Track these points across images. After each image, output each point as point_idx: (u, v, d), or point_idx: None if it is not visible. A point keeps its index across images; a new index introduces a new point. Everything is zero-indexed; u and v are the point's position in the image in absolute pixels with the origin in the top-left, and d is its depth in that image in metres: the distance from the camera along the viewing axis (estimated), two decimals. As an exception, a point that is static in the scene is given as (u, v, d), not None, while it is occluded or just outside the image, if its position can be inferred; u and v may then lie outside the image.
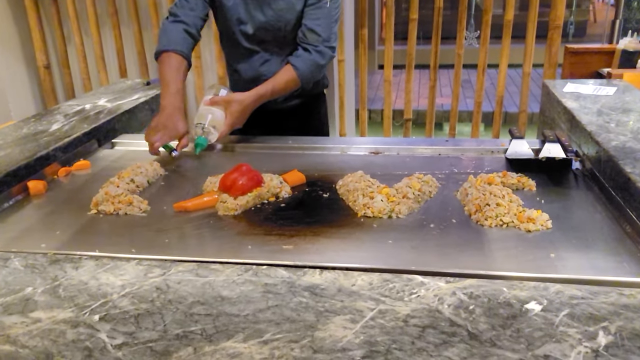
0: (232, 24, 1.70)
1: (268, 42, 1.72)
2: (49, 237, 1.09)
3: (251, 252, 1.01)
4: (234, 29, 1.71)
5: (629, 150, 1.25)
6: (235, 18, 1.69)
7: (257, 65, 1.75)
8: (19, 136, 1.56)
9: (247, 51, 1.74)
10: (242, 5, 1.67)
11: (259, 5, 1.66)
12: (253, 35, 1.70)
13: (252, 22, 1.68)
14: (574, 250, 0.98)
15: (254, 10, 1.67)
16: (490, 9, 2.73)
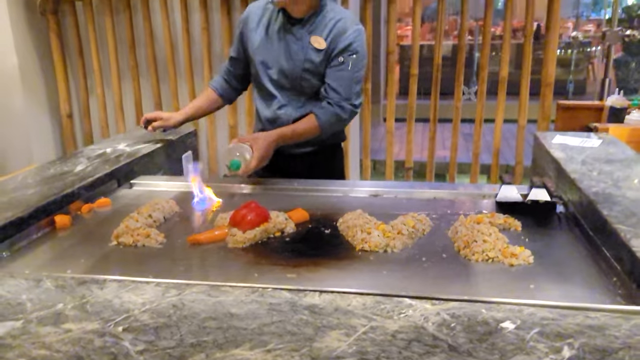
0: (257, 65, 1.89)
1: (287, 89, 1.87)
2: (74, 265, 1.20)
3: (258, 279, 1.11)
4: (258, 70, 1.89)
5: (608, 196, 1.35)
6: (260, 60, 1.87)
7: (275, 108, 1.90)
8: (46, 176, 1.69)
9: (267, 93, 1.90)
10: (267, 49, 1.85)
11: (282, 52, 1.83)
12: (274, 79, 1.87)
13: (275, 67, 1.85)
14: (552, 283, 1.08)
15: (277, 57, 1.83)
16: (486, 67, 2.91)
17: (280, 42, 1.83)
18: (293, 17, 1.79)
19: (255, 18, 1.89)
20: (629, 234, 1.11)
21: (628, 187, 1.40)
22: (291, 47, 1.81)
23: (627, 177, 1.49)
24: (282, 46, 1.82)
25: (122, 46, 3.19)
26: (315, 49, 1.79)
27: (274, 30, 1.84)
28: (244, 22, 1.92)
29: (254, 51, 1.88)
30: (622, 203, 1.29)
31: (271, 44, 1.84)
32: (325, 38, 1.78)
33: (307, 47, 1.79)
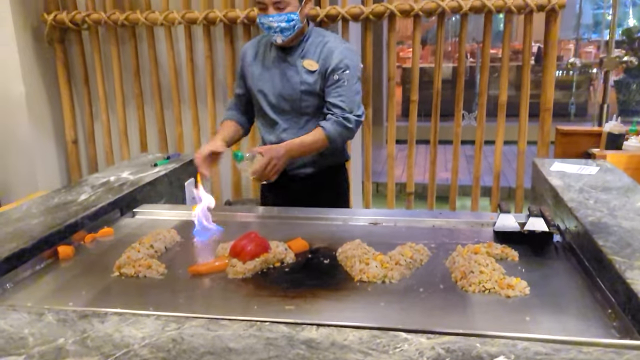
0: (257, 94, 2.04)
1: (287, 112, 2.00)
2: (76, 296, 1.22)
3: (257, 312, 1.12)
4: (258, 99, 2.04)
5: (604, 226, 1.37)
6: (259, 89, 2.02)
7: (278, 132, 2.02)
8: (51, 205, 1.72)
9: (269, 119, 2.04)
10: (265, 78, 2.00)
11: (279, 78, 1.98)
12: (273, 104, 2.00)
13: (273, 93, 1.99)
14: (548, 315, 1.09)
15: (275, 83, 1.99)
16: (485, 92, 2.95)
17: (276, 70, 1.99)
18: (285, 46, 1.96)
19: (251, 53, 2.08)
20: (623, 266, 1.13)
21: (623, 216, 1.42)
22: (286, 72, 1.97)
23: (623, 206, 1.51)
24: (278, 73, 1.98)
25: (127, 74, 3.25)
26: (309, 71, 1.94)
27: (270, 60, 2.02)
28: (242, 59, 2.10)
29: (254, 82, 2.04)
30: (618, 233, 1.30)
31: (268, 72, 2.01)
32: (316, 60, 1.94)
33: (301, 70, 1.95)
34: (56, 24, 3.10)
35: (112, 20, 3.05)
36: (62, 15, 3.07)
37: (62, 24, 3.10)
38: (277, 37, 1.90)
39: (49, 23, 3.09)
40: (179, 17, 2.98)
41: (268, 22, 1.87)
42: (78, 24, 3.10)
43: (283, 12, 1.85)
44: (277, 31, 1.88)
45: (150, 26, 3.09)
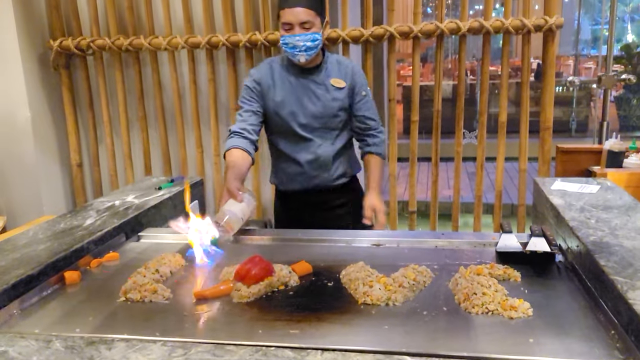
0: (286, 117, 2.08)
1: (318, 129, 2.10)
2: (83, 323, 1.23)
3: (262, 336, 1.13)
4: (288, 121, 2.08)
5: (605, 245, 1.38)
6: (289, 111, 2.07)
7: (314, 149, 2.11)
8: (57, 230, 1.74)
9: (300, 138, 2.10)
10: (292, 100, 2.07)
11: (309, 98, 2.07)
12: (304, 124, 2.08)
13: (303, 113, 2.07)
14: (552, 336, 1.09)
15: (305, 103, 2.07)
16: (485, 112, 2.97)
17: (304, 90, 2.07)
18: (307, 67, 2.07)
19: (267, 77, 2.11)
20: (625, 286, 1.14)
21: (624, 235, 1.43)
22: (315, 91, 2.07)
23: (624, 225, 1.52)
24: (307, 93, 2.07)
25: (131, 98, 3.29)
26: (338, 88, 2.08)
27: (292, 82, 2.08)
28: (258, 83, 2.10)
29: (278, 105, 2.08)
30: (619, 253, 1.31)
31: (295, 94, 2.07)
32: (342, 78, 2.09)
33: (330, 88, 2.08)
34: (62, 49, 3.16)
35: (116, 46, 3.10)
36: (68, 41, 3.13)
37: (68, 50, 3.16)
38: (300, 56, 1.98)
39: (54, 49, 3.14)
40: (182, 42, 3.03)
41: (294, 41, 1.95)
42: (83, 50, 3.16)
43: (309, 32, 1.94)
44: (302, 50, 1.96)
45: (154, 51, 3.14)
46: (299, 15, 1.93)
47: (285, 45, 1.99)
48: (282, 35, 1.98)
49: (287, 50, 1.99)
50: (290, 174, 2.17)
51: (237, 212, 1.77)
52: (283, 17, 1.96)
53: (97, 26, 3.17)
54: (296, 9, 1.93)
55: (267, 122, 2.15)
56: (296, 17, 1.93)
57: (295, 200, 2.22)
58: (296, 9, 1.93)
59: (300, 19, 1.93)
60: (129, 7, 3.12)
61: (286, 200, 2.27)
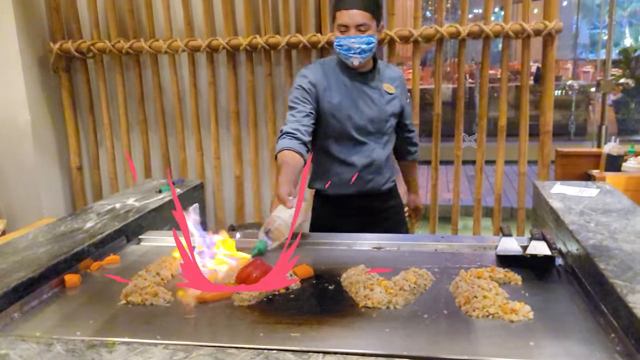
0: (343, 119, 2.06)
1: (372, 133, 2.11)
2: (83, 326, 1.22)
3: (263, 339, 1.13)
4: (345, 124, 2.07)
5: (605, 249, 1.38)
6: (346, 115, 2.06)
7: (369, 153, 2.12)
8: (57, 233, 1.74)
9: (356, 142, 2.10)
10: (349, 103, 2.06)
11: (365, 102, 2.07)
12: (360, 127, 2.08)
13: (360, 116, 2.07)
14: (552, 339, 1.10)
15: (362, 106, 2.07)
16: (485, 116, 2.98)
17: (360, 93, 2.07)
18: (360, 71, 2.07)
19: (322, 80, 2.07)
20: (625, 289, 1.14)
21: (624, 239, 1.43)
22: (371, 95, 2.09)
23: (624, 229, 1.52)
24: (362, 96, 2.07)
25: (132, 101, 3.30)
26: (389, 94, 2.12)
27: (348, 85, 2.07)
28: (314, 85, 2.05)
29: (335, 108, 2.06)
30: (619, 256, 1.31)
31: (351, 97, 2.06)
32: (391, 84, 2.13)
33: (384, 93, 2.11)
34: (62, 52, 3.17)
35: (116, 49, 3.11)
36: (68, 44, 3.14)
37: (68, 53, 3.16)
38: (354, 59, 1.97)
39: (54, 52, 3.15)
40: (183, 45, 3.04)
41: (349, 43, 1.95)
42: (83, 53, 3.16)
43: (364, 35, 1.94)
44: (357, 52, 1.96)
45: (154, 54, 3.14)
46: (355, 17, 1.92)
47: (339, 47, 1.98)
48: (337, 37, 1.97)
49: (342, 52, 1.98)
50: (344, 178, 2.13)
51: (287, 219, 1.64)
52: (339, 18, 1.95)
53: (97, 29, 3.18)
54: (353, 10, 1.92)
55: (320, 125, 2.08)
56: (352, 19, 1.92)
57: (344, 206, 2.19)
58: (353, 11, 1.92)
59: (357, 21, 1.92)
60: (130, 10, 3.13)
61: (333, 205, 2.20)
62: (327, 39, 2.92)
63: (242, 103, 3.19)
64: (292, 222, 1.62)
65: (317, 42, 2.93)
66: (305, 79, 2.06)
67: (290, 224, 1.63)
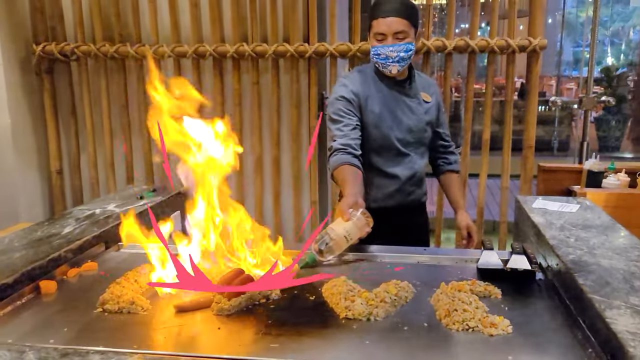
0: (384, 130, 2.00)
1: (412, 143, 2.06)
2: (57, 334, 1.20)
3: (241, 349, 1.12)
4: (388, 135, 2.00)
5: (584, 264, 1.39)
6: (388, 125, 2.00)
7: (412, 165, 2.07)
8: (34, 238, 1.70)
9: (398, 153, 2.04)
10: (390, 113, 2.00)
11: (404, 111, 2.02)
12: (400, 138, 2.02)
13: (400, 126, 2.01)
14: (530, 354, 1.10)
15: (401, 116, 2.02)
16: (470, 130, 3.01)
17: (399, 103, 2.03)
18: (398, 80, 2.03)
19: (363, 89, 2.00)
20: (603, 304, 1.15)
21: (602, 255, 1.45)
22: (410, 105, 2.04)
23: (602, 244, 1.54)
24: (401, 106, 2.02)
25: (115, 105, 3.26)
26: (426, 102, 2.08)
27: (387, 95, 2.02)
28: (356, 95, 1.98)
29: (377, 118, 1.99)
30: (597, 272, 1.32)
31: (391, 107, 2.01)
32: (428, 93, 2.10)
33: (422, 102, 2.07)
34: (45, 55, 3.13)
35: (101, 52, 3.09)
36: (51, 47, 3.10)
37: (51, 55, 3.13)
38: (392, 67, 1.93)
39: (37, 54, 3.11)
40: (169, 51, 3.03)
41: (387, 51, 1.90)
42: (67, 55, 3.13)
43: (402, 42, 1.90)
44: (395, 61, 1.92)
45: (140, 59, 3.12)
46: (392, 25, 1.88)
47: (377, 56, 1.93)
48: (373, 46, 1.93)
49: (379, 61, 1.93)
50: (387, 191, 2.06)
51: (341, 232, 1.60)
52: (376, 27, 1.91)
53: (82, 32, 3.15)
54: (390, 18, 1.88)
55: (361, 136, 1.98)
56: (390, 27, 1.88)
57: (383, 219, 1.89)
58: (390, 19, 1.88)
59: (394, 29, 1.88)
60: (116, 14, 3.11)
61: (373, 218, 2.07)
62: (315, 49, 2.93)
63: (227, 111, 3.18)
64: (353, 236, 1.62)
65: (305, 52, 2.94)
66: (347, 89, 1.99)
67: (343, 236, 1.60)
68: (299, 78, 3.07)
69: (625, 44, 14.59)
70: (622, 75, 8.37)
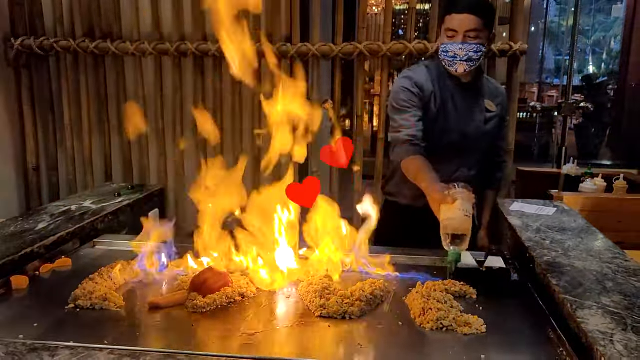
0: (437, 131, 1.91)
1: (463, 150, 1.95)
2: (27, 329, 1.17)
3: (215, 346, 1.11)
4: (437, 136, 1.91)
5: (558, 266, 1.41)
6: (441, 128, 1.92)
7: (452, 170, 1.95)
8: (5, 234, 1.67)
9: (445, 158, 1.92)
10: (447, 115, 1.92)
11: (463, 116, 1.92)
12: (454, 143, 1.93)
13: (456, 131, 1.93)
14: (503, 353, 1.11)
15: (459, 120, 1.92)
16: (450, 133, 3.03)
17: (460, 106, 1.93)
18: (464, 81, 1.93)
19: (428, 83, 1.92)
20: (575, 305, 1.16)
21: (576, 256, 1.47)
22: (473, 111, 1.94)
23: (577, 247, 1.56)
24: (462, 110, 1.93)
25: (94, 101, 3.22)
26: (490, 111, 1.96)
27: (449, 96, 1.93)
28: (421, 89, 1.91)
29: (432, 118, 1.91)
30: (570, 273, 1.34)
31: (450, 109, 1.92)
32: (492, 101, 1.98)
33: (484, 109, 1.96)
34: (23, 49, 3.07)
35: (81, 48, 3.04)
36: (30, 41, 3.05)
37: (29, 50, 3.07)
38: (459, 66, 1.83)
39: (15, 48, 3.06)
40: (150, 48, 3.00)
41: (456, 49, 1.81)
42: (46, 50, 3.08)
43: (473, 42, 1.81)
44: (463, 60, 1.82)
45: (121, 55, 3.09)
46: (465, 22, 1.79)
47: (444, 53, 1.84)
48: (443, 43, 1.84)
49: (446, 58, 1.84)
50: (418, 191, 1.85)
51: (459, 214, 1.51)
52: (448, 22, 1.82)
53: (62, 27, 3.10)
54: (464, 15, 1.79)
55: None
56: (463, 24, 1.79)
57: (412, 217, 1.95)
58: (464, 15, 1.79)
59: (467, 26, 1.79)
60: (97, 10, 3.07)
61: (402, 216, 2.04)
62: (297, 49, 2.92)
63: (208, 109, 3.16)
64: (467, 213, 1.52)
65: (287, 52, 2.93)
66: (411, 81, 1.91)
67: (465, 216, 1.51)
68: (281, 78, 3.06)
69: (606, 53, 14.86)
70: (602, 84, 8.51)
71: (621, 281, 1.31)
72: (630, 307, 1.16)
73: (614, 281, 1.30)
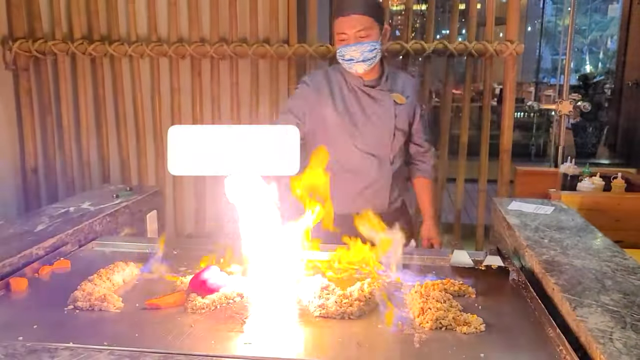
0: (345, 135, 1.94)
1: (377, 149, 1.97)
2: (26, 331, 1.17)
3: (215, 347, 1.11)
4: (346, 140, 1.94)
5: (557, 264, 1.41)
6: (349, 130, 1.93)
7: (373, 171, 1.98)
8: (5, 235, 1.67)
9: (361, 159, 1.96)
10: (352, 116, 1.93)
11: (368, 116, 1.94)
12: (365, 143, 1.95)
13: (364, 132, 1.94)
14: (502, 352, 1.11)
15: (366, 121, 1.94)
16: (447, 133, 3.04)
17: (365, 107, 1.94)
18: (367, 80, 1.94)
19: (326, 91, 1.95)
20: (574, 303, 1.17)
21: (575, 255, 1.47)
22: (377, 109, 1.95)
23: (575, 245, 1.56)
24: (367, 111, 1.94)
25: (92, 103, 3.22)
26: (398, 104, 1.96)
27: (352, 98, 1.95)
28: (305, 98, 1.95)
29: (337, 123, 1.93)
30: (569, 272, 1.35)
31: (355, 111, 1.94)
32: (402, 93, 1.98)
33: (391, 105, 1.95)
34: (21, 51, 3.07)
35: (79, 50, 3.04)
36: (28, 44, 3.05)
37: (28, 52, 3.07)
38: (358, 67, 1.87)
39: (14, 50, 3.05)
40: (148, 50, 3.00)
41: (350, 52, 1.83)
42: (44, 53, 3.08)
43: (365, 41, 1.83)
44: (360, 60, 1.84)
45: (119, 57, 3.09)
46: (353, 23, 1.82)
47: (341, 57, 1.88)
48: (338, 48, 1.87)
49: (344, 62, 1.88)
50: (347, 196, 1.96)
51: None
52: (338, 27, 1.85)
53: (60, 29, 3.10)
54: (350, 16, 1.82)
55: (318, 140, 1.92)
56: (351, 26, 1.82)
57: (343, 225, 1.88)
58: (350, 17, 1.82)
59: (355, 27, 1.81)
60: (95, 12, 3.07)
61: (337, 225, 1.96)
62: (294, 50, 2.93)
63: (206, 111, 3.16)
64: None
65: (285, 53, 2.93)
66: (303, 92, 1.96)
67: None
68: (278, 79, 3.06)
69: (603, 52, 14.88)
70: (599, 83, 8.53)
71: (620, 279, 1.31)
72: (630, 305, 1.16)
73: (613, 279, 1.31)
